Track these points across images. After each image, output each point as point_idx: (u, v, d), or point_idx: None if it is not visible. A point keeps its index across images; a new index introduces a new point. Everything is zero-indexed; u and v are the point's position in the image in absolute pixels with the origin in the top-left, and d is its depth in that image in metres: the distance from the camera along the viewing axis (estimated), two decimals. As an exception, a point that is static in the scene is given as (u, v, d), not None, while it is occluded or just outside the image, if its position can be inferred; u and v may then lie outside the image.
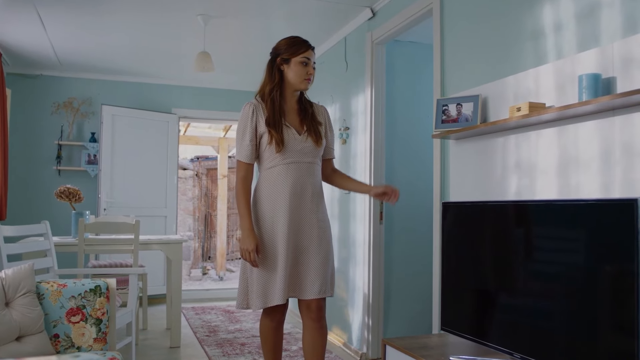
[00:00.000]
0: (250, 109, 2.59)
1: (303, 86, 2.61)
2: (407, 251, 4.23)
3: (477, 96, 2.66)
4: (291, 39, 2.63)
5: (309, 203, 2.59)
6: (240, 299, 2.61)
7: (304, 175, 2.59)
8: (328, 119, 2.77)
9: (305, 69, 2.59)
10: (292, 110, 2.65)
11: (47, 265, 3.44)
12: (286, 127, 2.57)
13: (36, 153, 6.05)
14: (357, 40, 4.35)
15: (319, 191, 2.67)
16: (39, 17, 4.43)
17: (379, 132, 4.04)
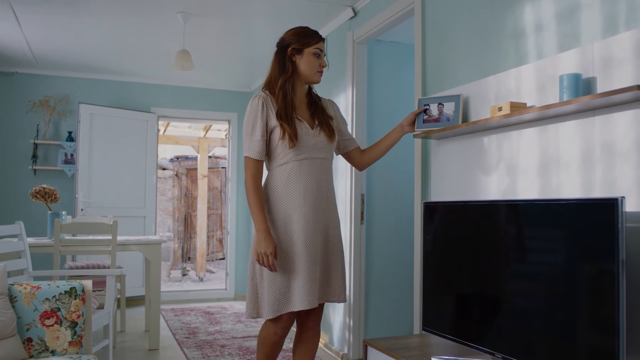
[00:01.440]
0: (259, 102, 2.42)
1: (316, 79, 2.49)
2: (388, 252, 4.23)
3: (459, 96, 2.66)
4: (302, 29, 2.48)
5: (325, 201, 2.47)
6: (249, 307, 2.41)
7: (318, 172, 2.45)
8: (338, 112, 2.69)
9: (318, 61, 2.47)
10: (303, 103, 2.52)
11: (22, 267, 3.35)
12: (298, 121, 2.44)
13: (11, 152, 5.93)
14: (338, 40, 4.34)
15: (332, 189, 2.55)
16: (13, 13, 4.33)
17: (360, 132, 4.03)
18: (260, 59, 5.47)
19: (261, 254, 2.29)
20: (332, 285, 2.48)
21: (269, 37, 4.91)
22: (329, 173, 2.53)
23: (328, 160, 2.52)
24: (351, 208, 4.00)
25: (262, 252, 2.29)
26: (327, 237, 2.49)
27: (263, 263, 2.30)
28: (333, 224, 2.52)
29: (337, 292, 2.49)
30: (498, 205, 2.17)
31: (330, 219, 2.51)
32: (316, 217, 2.42)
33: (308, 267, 2.35)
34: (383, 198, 4.25)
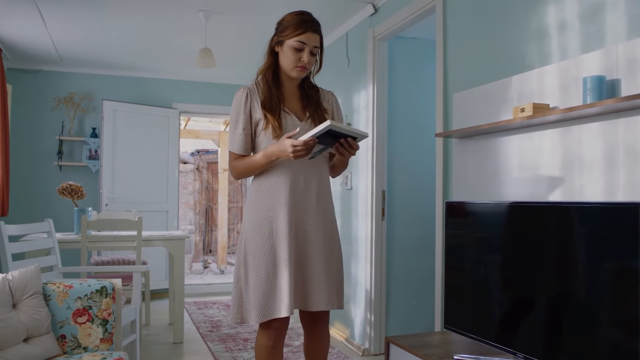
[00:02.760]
0: (243, 93, 2.27)
1: (294, 74, 2.25)
2: (409, 248, 4.25)
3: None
4: (292, 16, 2.24)
5: (314, 200, 2.25)
6: (234, 311, 2.26)
7: (308, 168, 2.25)
8: (336, 106, 2.45)
9: (298, 55, 2.20)
10: (293, 95, 2.33)
11: (51, 263, 3.45)
12: (285, 113, 2.26)
13: (37, 148, 6.05)
14: (358, 36, 4.35)
15: (326, 187, 2.33)
16: (39, 12, 4.41)
17: (380, 129, 4.05)
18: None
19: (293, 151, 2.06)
20: (312, 292, 2.23)
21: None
22: (322, 169, 2.31)
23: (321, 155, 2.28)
24: (372, 204, 4.03)
25: (290, 151, 2.07)
26: (306, 241, 2.25)
27: (299, 151, 2.06)
28: (317, 226, 2.26)
29: (317, 300, 2.22)
30: (520, 207, 2.19)
31: (322, 218, 2.28)
32: (305, 216, 2.24)
33: (291, 272, 2.17)
34: (404, 194, 4.27)
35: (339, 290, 2.32)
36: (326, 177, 2.34)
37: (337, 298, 2.29)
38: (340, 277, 2.34)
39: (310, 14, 2.28)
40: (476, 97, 2.80)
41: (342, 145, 2.10)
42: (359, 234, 4.24)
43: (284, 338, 2.32)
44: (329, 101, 2.42)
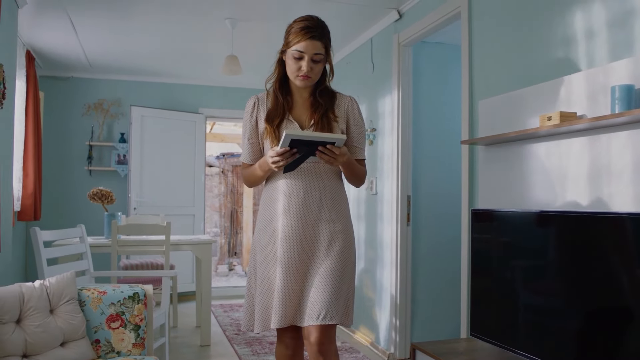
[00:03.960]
0: (251, 103, 2.28)
1: (298, 83, 2.18)
2: (434, 253, 4.25)
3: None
4: (296, 23, 2.17)
5: (314, 210, 2.16)
6: (245, 319, 2.26)
7: (308, 177, 2.17)
8: (352, 112, 2.29)
9: (298, 64, 2.13)
10: (304, 103, 2.26)
11: (83, 268, 3.54)
12: (288, 122, 2.20)
13: (68, 153, 6.20)
14: (383, 42, 4.36)
15: (333, 196, 2.21)
16: (70, 21, 4.52)
17: (406, 134, 4.06)
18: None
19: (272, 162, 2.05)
20: (304, 306, 2.12)
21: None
22: (327, 178, 2.21)
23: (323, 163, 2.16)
24: (397, 209, 4.04)
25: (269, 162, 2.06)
26: (306, 253, 2.16)
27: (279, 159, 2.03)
28: (320, 238, 2.16)
29: (309, 314, 2.08)
30: (547, 216, 2.19)
31: (326, 229, 2.17)
32: (303, 227, 2.16)
33: (284, 282, 2.11)
34: (429, 199, 4.28)
35: (344, 305, 2.16)
36: (335, 188, 2.23)
37: (339, 313, 2.11)
38: (349, 291, 2.20)
39: (315, 20, 2.17)
40: (502, 105, 2.80)
41: (323, 153, 2.02)
42: (384, 239, 4.26)
43: (302, 347, 2.27)
44: (344, 107, 2.28)
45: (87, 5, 4.15)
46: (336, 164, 2.08)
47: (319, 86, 2.26)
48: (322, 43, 2.14)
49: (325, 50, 2.17)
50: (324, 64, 2.21)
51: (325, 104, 2.23)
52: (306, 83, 2.18)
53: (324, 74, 2.25)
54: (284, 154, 2.01)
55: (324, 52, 2.16)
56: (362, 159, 2.31)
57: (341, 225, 2.21)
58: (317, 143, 1.99)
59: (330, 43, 2.21)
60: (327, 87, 2.28)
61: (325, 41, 2.16)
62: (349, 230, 2.25)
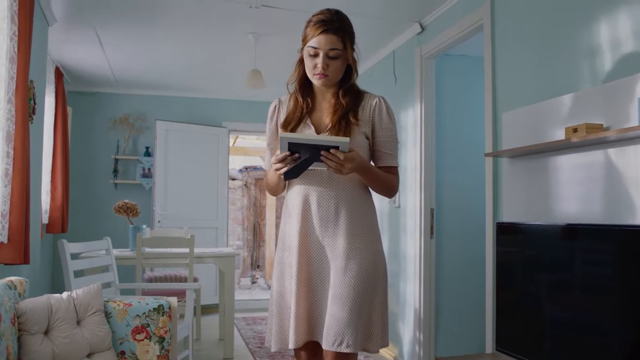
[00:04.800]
0: (272, 107, 2.13)
1: (315, 82, 1.99)
2: (458, 266, 4.21)
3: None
4: (311, 18, 1.99)
5: (331, 222, 1.95)
6: (267, 335, 2.10)
7: (323, 186, 1.96)
8: (380, 114, 2.04)
9: (313, 62, 1.94)
10: (327, 105, 2.05)
11: (109, 280, 3.58)
12: (304, 126, 2.01)
13: (95, 167, 6.31)
14: (406, 55, 4.37)
15: (353, 206, 1.97)
16: (98, 38, 4.63)
17: (429, 147, 4.05)
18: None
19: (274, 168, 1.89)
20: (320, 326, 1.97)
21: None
22: (344, 187, 1.97)
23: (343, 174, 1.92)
24: (421, 222, 4.02)
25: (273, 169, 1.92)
26: (322, 269, 1.98)
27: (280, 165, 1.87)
28: (348, 250, 1.94)
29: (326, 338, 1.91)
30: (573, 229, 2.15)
31: (343, 242, 1.95)
32: (317, 240, 1.97)
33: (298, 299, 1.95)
34: (453, 212, 4.25)
35: (366, 329, 1.96)
36: (355, 197, 1.98)
37: (358, 340, 1.92)
38: (373, 314, 1.98)
39: (331, 12, 1.98)
40: (526, 117, 2.78)
41: (327, 158, 1.81)
42: (408, 252, 4.23)
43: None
44: (370, 108, 2.04)
45: (114, 22, 4.24)
46: (345, 171, 1.84)
47: (343, 85, 2.04)
48: (338, 37, 1.92)
49: (344, 44, 1.95)
50: (344, 60, 1.97)
51: (347, 105, 2.00)
52: (324, 82, 1.97)
53: (349, 71, 2.03)
54: (285, 159, 1.83)
55: (342, 47, 1.94)
56: (390, 166, 2.05)
57: (363, 241, 1.96)
58: (318, 147, 1.79)
59: (352, 37, 2.00)
60: (352, 86, 2.05)
61: (342, 35, 1.94)
62: (372, 247, 1.99)
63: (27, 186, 2.63)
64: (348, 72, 2.03)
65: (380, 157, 2.05)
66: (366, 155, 2.01)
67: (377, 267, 1.99)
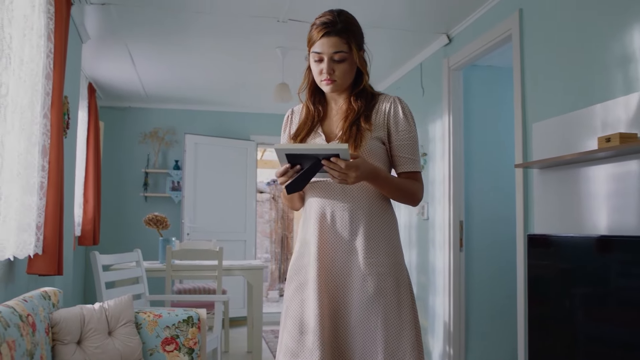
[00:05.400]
0: (285, 118, 2.03)
1: (323, 89, 1.86)
2: (489, 279, 4.15)
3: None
4: (312, 23, 1.83)
5: (346, 238, 1.77)
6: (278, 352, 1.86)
7: (335, 198, 1.79)
8: (396, 116, 1.86)
9: (318, 67, 1.80)
10: (340, 112, 1.90)
11: (139, 291, 3.63)
12: (315, 135, 1.88)
13: (125, 180, 6.42)
14: (433, 66, 4.36)
15: (370, 219, 1.79)
16: (129, 54, 4.73)
17: (457, 158, 4.01)
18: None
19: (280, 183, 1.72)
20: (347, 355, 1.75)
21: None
22: (357, 198, 1.79)
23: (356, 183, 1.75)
24: (450, 234, 3.97)
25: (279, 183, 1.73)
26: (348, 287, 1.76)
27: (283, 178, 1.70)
28: (366, 268, 1.74)
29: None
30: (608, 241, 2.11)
31: (358, 260, 1.76)
32: (332, 258, 1.78)
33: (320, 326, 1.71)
34: (482, 224, 4.20)
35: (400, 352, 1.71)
36: (373, 209, 1.80)
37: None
38: (402, 340, 1.72)
39: (333, 13, 1.81)
40: (557, 127, 2.74)
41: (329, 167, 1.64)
42: (437, 265, 4.19)
43: None
44: (384, 111, 1.87)
45: (145, 38, 4.34)
46: (350, 180, 1.65)
47: (356, 89, 1.88)
48: (341, 39, 1.76)
49: (349, 46, 1.78)
50: (352, 63, 1.81)
51: (359, 109, 1.84)
52: (332, 88, 1.82)
53: (361, 74, 1.87)
54: (287, 171, 1.68)
55: (347, 49, 1.78)
56: (412, 171, 1.86)
57: (382, 256, 1.77)
58: (319, 156, 1.64)
59: (358, 38, 1.84)
60: (365, 89, 1.89)
61: (347, 36, 1.78)
62: (393, 262, 1.78)
63: (61, 199, 2.69)
64: (359, 75, 1.87)
65: (399, 162, 1.86)
66: (383, 161, 1.84)
67: (400, 286, 1.78)
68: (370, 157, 1.78)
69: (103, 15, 3.85)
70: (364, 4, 3.66)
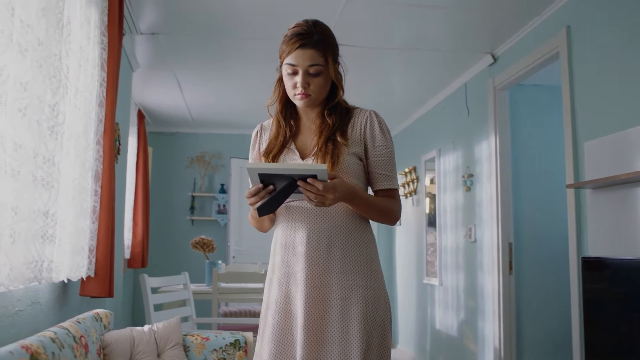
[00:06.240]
0: (253, 134, 1.90)
1: (297, 103, 1.76)
2: (540, 303, 4.02)
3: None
4: (285, 34, 1.73)
5: (322, 261, 1.64)
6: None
7: (312, 219, 1.66)
8: (372, 130, 1.76)
9: (292, 80, 1.71)
10: (313, 127, 1.79)
11: (187, 314, 3.67)
12: (288, 152, 1.76)
13: (173, 204, 6.56)
14: (477, 86, 4.31)
15: (347, 240, 1.67)
16: (177, 82, 4.87)
17: (505, 179, 3.93)
18: (396, 107, 5.60)
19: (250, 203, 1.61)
20: None
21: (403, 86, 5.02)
22: (339, 218, 1.68)
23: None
24: (498, 257, 3.87)
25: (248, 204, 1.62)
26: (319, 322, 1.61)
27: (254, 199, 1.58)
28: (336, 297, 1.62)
29: None
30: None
31: (330, 291, 1.63)
32: (298, 289, 1.65)
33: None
34: (533, 247, 4.09)
35: None
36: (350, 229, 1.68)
37: None
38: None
39: (309, 24, 1.71)
40: (610, 145, 2.66)
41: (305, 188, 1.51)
42: (485, 289, 4.08)
43: None
44: (360, 125, 1.76)
45: (192, 65, 4.47)
46: (327, 202, 1.54)
47: (330, 103, 1.78)
48: (317, 51, 1.67)
49: (326, 59, 1.69)
50: (327, 76, 1.71)
51: (334, 124, 1.73)
52: (306, 102, 1.72)
53: (334, 88, 1.77)
54: (258, 192, 1.56)
55: (323, 62, 1.68)
56: (389, 188, 1.75)
57: (360, 279, 1.65)
58: (293, 177, 1.52)
59: (334, 50, 1.75)
60: (339, 104, 1.79)
61: (323, 49, 1.68)
62: (372, 285, 1.66)
63: (113, 223, 2.76)
64: (334, 88, 1.77)
65: (375, 179, 1.76)
66: (360, 179, 1.73)
67: (379, 308, 1.66)
68: (347, 175, 1.68)
69: (152, 44, 3.99)
70: (405, 27, 3.67)
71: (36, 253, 1.88)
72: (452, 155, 4.74)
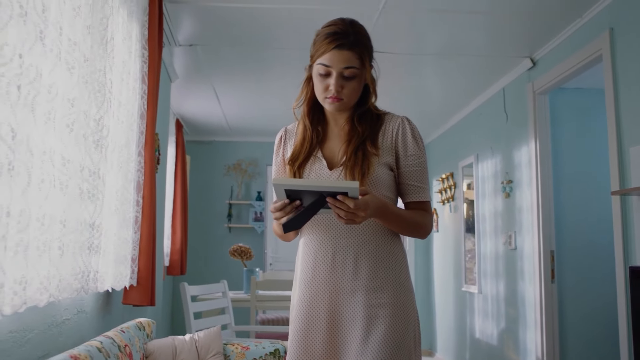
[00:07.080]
0: (277, 139, 1.82)
1: (327, 107, 1.66)
2: (585, 313, 3.92)
3: None
4: (319, 32, 1.64)
5: (348, 278, 1.56)
6: None
7: (339, 234, 1.58)
8: (404, 139, 1.67)
9: (324, 83, 1.61)
10: (340, 133, 1.70)
11: (226, 322, 3.70)
12: (315, 160, 1.66)
13: (211, 212, 6.63)
14: (516, 91, 4.24)
15: (376, 256, 1.58)
16: (214, 91, 4.94)
17: (546, 185, 3.84)
18: (432, 113, 5.55)
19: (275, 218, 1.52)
20: None
21: (440, 92, 4.98)
22: (367, 233, 1.59)
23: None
24: (540, 265, 3.79)
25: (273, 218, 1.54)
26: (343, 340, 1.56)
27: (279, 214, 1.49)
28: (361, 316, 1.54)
29: None
30: None
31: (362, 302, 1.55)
32: (322, 306, 1.58)
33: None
34: (576, 255, 3.99)
35: None
36: (379, 245, 1.60)
37: None
38: None
39: (345, 23, 1.61)
40: (658, 151, 2.57)
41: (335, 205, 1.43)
42: (526, 298, 4.00)
43: None
44: (391, 133, 1.67)
45: (228, 75, 4.53)
46: (358, 220, 1.46)
47: (360, 108, 1.68)
48: (354, 53, 1.58)
49: (362, 62, 1.60)
50: (361, 80, 1.62)
51: (364, 132, 1.64)
52: (338, 107, 1.63)
53: (366, 92, 1.68)
54: (284, 207, 1.48)
55: (359, 65, 1.59)
56: (421, 201, 1.66)
57: (388, 296, 1.56)
58: (323, 193, 1.43)
59: (370, 53, 1.65)
60: (369, 110, 1.69)
61: (359, 50, 1.59)
62: (401, 303, 1.57)
63: (154, 232, 2.81)
64: (365, 92, 1.67)
65: (407, 190, 1.66)
66: (391, 190, 1.65)
67: (408, 329, 1.57)
68: (377, 187, 1.59)
69: (190, 56, 4.06)
70: (442, 33, 3.64)
71: (83, 264, 1.93)
72: (490, 161, 4.67)
